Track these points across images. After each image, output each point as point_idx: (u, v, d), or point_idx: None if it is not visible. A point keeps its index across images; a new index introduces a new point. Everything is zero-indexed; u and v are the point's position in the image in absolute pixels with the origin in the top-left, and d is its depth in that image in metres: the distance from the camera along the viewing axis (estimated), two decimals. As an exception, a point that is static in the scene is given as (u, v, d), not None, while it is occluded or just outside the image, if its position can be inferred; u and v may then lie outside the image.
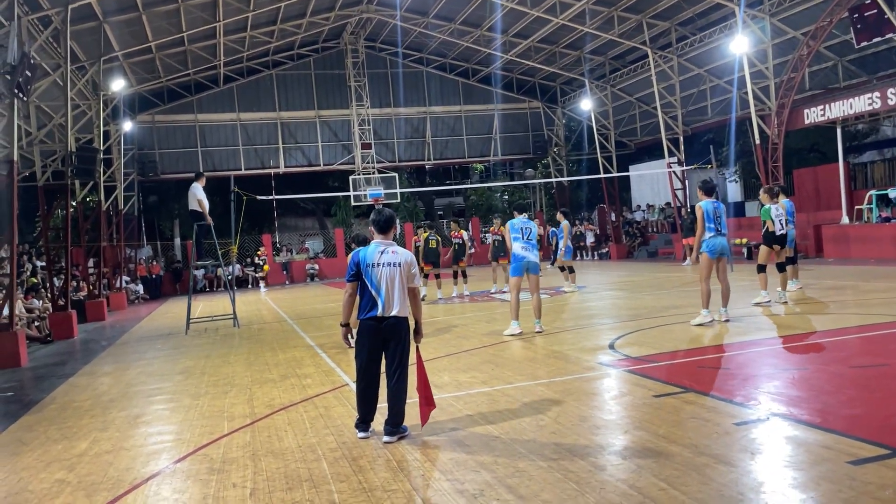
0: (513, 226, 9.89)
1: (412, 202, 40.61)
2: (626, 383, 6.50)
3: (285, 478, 4.59)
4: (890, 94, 17.56)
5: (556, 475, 4.18)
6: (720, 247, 9.22)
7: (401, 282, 5.26)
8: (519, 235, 9.79)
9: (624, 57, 27.27)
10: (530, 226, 9.91)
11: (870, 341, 7.52)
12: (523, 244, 9.75)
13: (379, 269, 5.24)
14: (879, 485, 3.61)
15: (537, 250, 9.90)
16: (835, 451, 4.16)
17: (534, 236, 9.86)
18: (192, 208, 13.59)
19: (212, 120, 29.34)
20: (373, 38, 30.08)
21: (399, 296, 5.24)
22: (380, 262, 5.26)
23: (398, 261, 5.28)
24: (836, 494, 3.56)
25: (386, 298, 5.21)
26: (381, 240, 5.40)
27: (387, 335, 5.24)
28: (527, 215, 10.15)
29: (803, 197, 22.91)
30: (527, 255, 9.73)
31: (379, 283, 5.23)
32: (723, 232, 9.28)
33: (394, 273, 5.24)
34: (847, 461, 3.98)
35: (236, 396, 7.32)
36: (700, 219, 9.29)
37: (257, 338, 12.24)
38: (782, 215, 11.05)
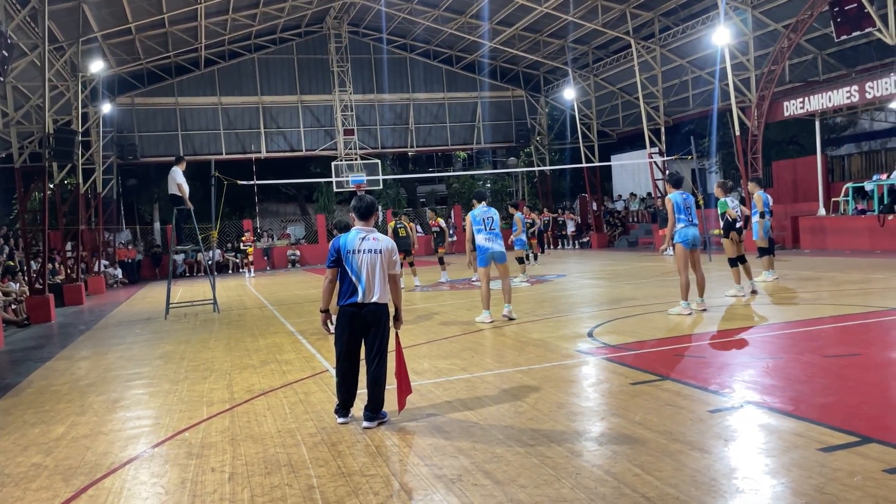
0: (474, 217, 9.84)
1: (395, 189, 40.51)
2: (603, 371, 6.57)
3: (264, 462, 4.60)
4: (868, 87, 17.76)
5: (532, 461, 4.23)
6: (693, 237, 9.32)
7: (381, 268, 5.28)
8: (481, 227, 9.74)
9: (607, 47, 27.31)
10: (492, 214, 9.84)
11: (843, 331, 7.66)
12: (486, 235, 9.72)
13: (359, 256, 5.26)
14: (849, 471, 3.70)
15: (501, 238, 9.85)
16: (806, 439, 4.24)
17: (496, 225, 9.81)
18: (172, 192, 13.49)
19: (192, 103, 29.02)
20: (356, 23, 29.86)
21: (379, 282, 5.26)
22: (360, 249, 5.27)
23: (379, 247, 5.29)
24: (806, 480, 3.64)
25: (366, 285, 5.23)
26: (361, 226, 5.41)
27: (367, 321, 5.25)
28: (486, 203, 10.07)
29: (781, 188, 23.17)
30: (491, 245, 9.71)
31: (359, 269, 5.24)
32: (694, 222, 9.39)
33: (374, 259, 5.26)
34: (818, 448, 4.07)
35: (216, 381, 7.31)
36: (671, 211, 9.38)
37: (237, 323, 12.20)
38: (738, 207, 11.19)
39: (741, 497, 3.55)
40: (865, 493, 3.41)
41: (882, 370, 5.88)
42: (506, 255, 9.91)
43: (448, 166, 48.19)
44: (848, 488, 3.49)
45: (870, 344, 6.90)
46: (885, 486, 3.48)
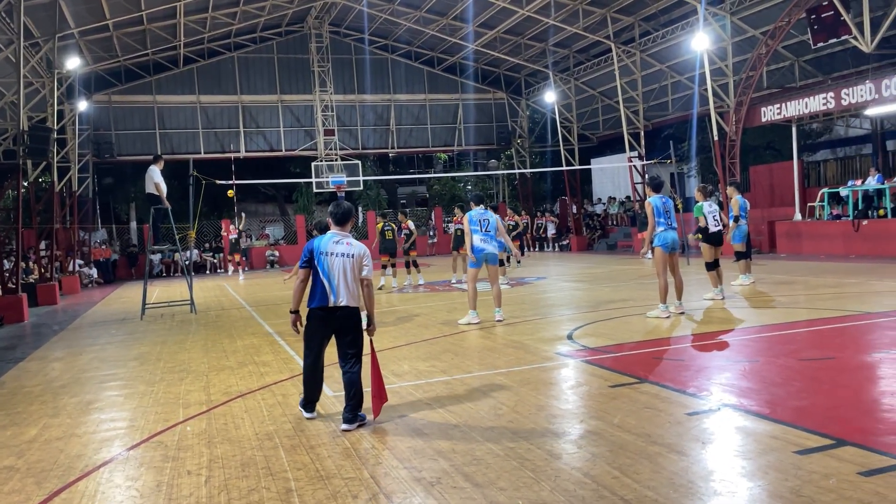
0: (471, 218, 9.90)
1: (375, 190, 40.42)
2: (583, 373, 6.59)
3: (241, 465, 4.56)
4: (843, 94, 18.02)
5: (512, 463, 4.23)
6: (672, 241, 9.40)
7: (353, 273, 5.30)
8: (477, 227, 9.81)
9: (588, 50, 27.47)
10: (488, 217, 9.93)
11: (818, 335, 7.75)
12: (482, 236, 9.79)
13: (332, 259, 5.29)
14: (823, 474, 3.74)
15: (496, 241, 9.93)
16: (782, 441, 4.28)
17: (492, 227, 9.89)
18: (149, 192, 13.34)
19: (171, 102, 28.74)
20: (337, 23, 29.76)
21: (350, 286, 5.29)
22: (333, 252, 5.31)
23: (352, 252, 5.33)
24: (782, 483, 3.68)
25: (336, 288, 5.26)
26: (337, 231, 5.44)
27: (336, 325, 5.31)
28: (483, 206, 10.15)
29: (758, 193, 23.43)
30: (486, 247, 9.78)
31: (331, 271, 5.27)
32: (673, 226, 9.47)
33: (346, 264, 5.30)
34: (794, 451, 4.11)
35: (192, 383, 7.23)
36: (650, 214, 9.46)
37: (215, 324, 12.08)
38: (716, 212, 11.28)
39: (718, 499, 3.58)
40: (840, 496, 3.45)
41: (856, 373, 5.96)
42: (498, 257, 10.00)
43: (429, 168, 48.19)
44: (823, 491, 3.53)
45: (844, 348, 6.99)
46: (860, 489, 3.52)
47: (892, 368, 5.98)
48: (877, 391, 5.46)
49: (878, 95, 17.05)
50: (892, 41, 17.71)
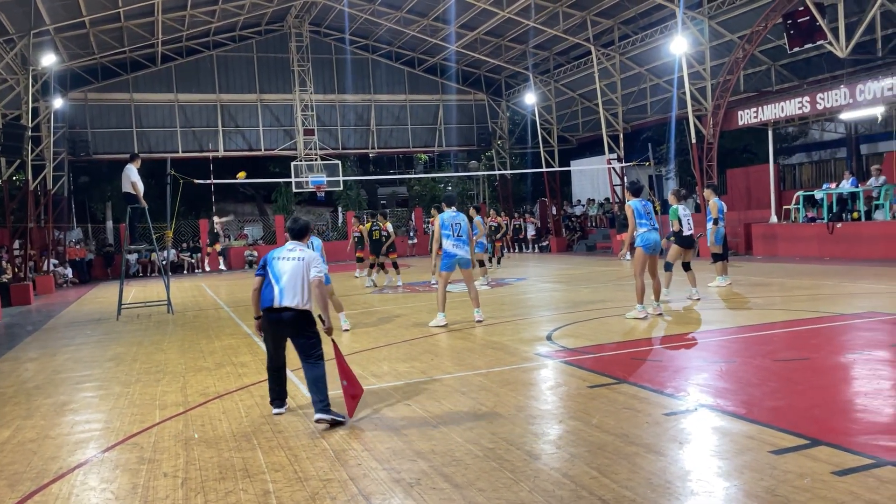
0: (443, 222, 9.79)
1: (355, 190, 40.32)
2: (562, 374, 6.62)
3: (219, 467, 4.52)
4: (819, 98, 18.27)
5: (491, 464, 4.24)
6: (654, 242, 9.45)
7: (302, 276, 5.42)
8: (449, 232, 9.72)
9: (568, 53, 27.60)
10: (460, 220, 9.84)
11: (793, 336, 7.85)
12: (454, 241, 9.71)
13: (282, 262, 5.49)
14: (798, 473, 3.78)
15: (468, 245, 9.87)
16: (758, 441, 4.33)
17: (464, 231, 9.81)
18: (126, 191, 13.18)
19: (148, 100, 28.42)
20: (317, 22, 29.62)
21: (297, 288, 5.39)
22: (286, 257, 5.51)
23: (303, 256, 5.51)
24: (757, 482, 3.72)
25: (284, 289, 5.38)
26: (294, 243, 5.68)
27: (284, 326, 5.42)
28: (455, 208, 10.06)
29: (735, 196, 23.69)
30: (458, 251, 9.71)
31: (280, 273, 5.44)
32: (655, 227, 9.54)
33: (296, 267, 5.44)
34: (769, 451, 4.15)
35: (169, 384, 7.15)
36: (631, 217, 9.50)
37: (192, 325, 11.97)
38: (689, 216, 11.42)
39: (695, 499, 3.61)
40: (815, 495, 3.50)
41: (830, 374, 6.05)
42: (471, 261, 9.95)
43: (409, 168, 48.17)
44: (798, 490, 3.57)
45: (819, 348, 7.09)
46: (834, 488, 3.56)
47: (865, 369, 6.07)
48: (851, 391, 5.54)
49: (853, 100, 17.32)
50: (867, 46, 18.01)
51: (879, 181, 17.55)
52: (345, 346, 8.74)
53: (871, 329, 7.91)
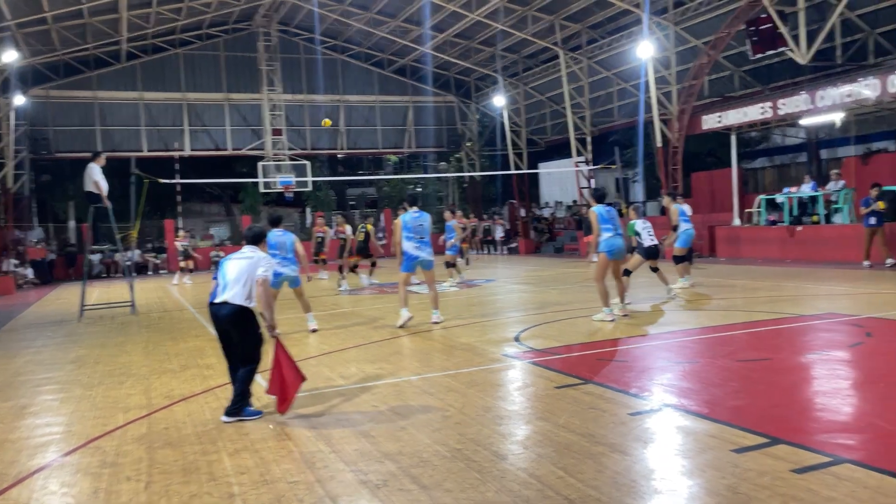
0: (405, 223, 9.66)
1: (324, 191, 40.07)
2: (529, 375, 6.66)
3: (183, 471, 4.46)
4: (780, 104, 18.66)
5: (459, 464, 4.25)
6: (617, 247, 9.44)
7: (247, 274, 5.56)
8: (411, 234, 9.61)
9: (536, 56, 27.80)
10: (422, 221, 9.67)
11: (755, 336, 8.01)
12: (416, 243, 9.59)
13: (232, 262, 5.68)
14: (759, 471, 3.86)
15: (430, 245, 9.74)
16: (720, 440, 4.41)
17: (426, 232, 9.68)
18: (88, 190, 12.93)
19: (112, 98, 27.93)
20: (286, 21, 29.41)
21: (238, 285, 5.53)
22: (237, 257, 5.73)
23: (252, 256, 5.69)
24: (719, 481, 3.79)
25: (226, 285, 5.55)
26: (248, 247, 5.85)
27: (222, 320, 5.56)
28: (418, 207, 9.87)
29: (699, 199, 24.07)
30: (419, 253, 9.62)
31: (227, 272, 5.61)
32: (619, 233, 9.55)
33: (242, 265, 5.61)
34: (731, 449, 4.23)
35: (133, 387, 7.04)
36: (594, 222, 9.48)
37: (157, 326, 11.80)
38: (650, 227, 11.53)
39: (659, 498, 3.66)
40: (774, 493, 3.57)
41: (791, 374, 6.18)
42: (433, 262, 9.88)
43: (378, 169, 48.02)
44: (758, 488, 3.65)
45: (779, 349, 7.24)
46: (793, 486, 3.65)
47: (824, 369, 6.22)
48: (810, 391, 5.68)
49: (813, 106, 17.73)
50: (826, 54, 18.45)
51: (838, 185, 17.97)
52: (313, 347, 8.70)
53: (829, 330, 8.10)
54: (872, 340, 7.40)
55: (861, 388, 5.61)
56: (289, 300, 10.99)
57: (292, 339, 9.40)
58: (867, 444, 4.30)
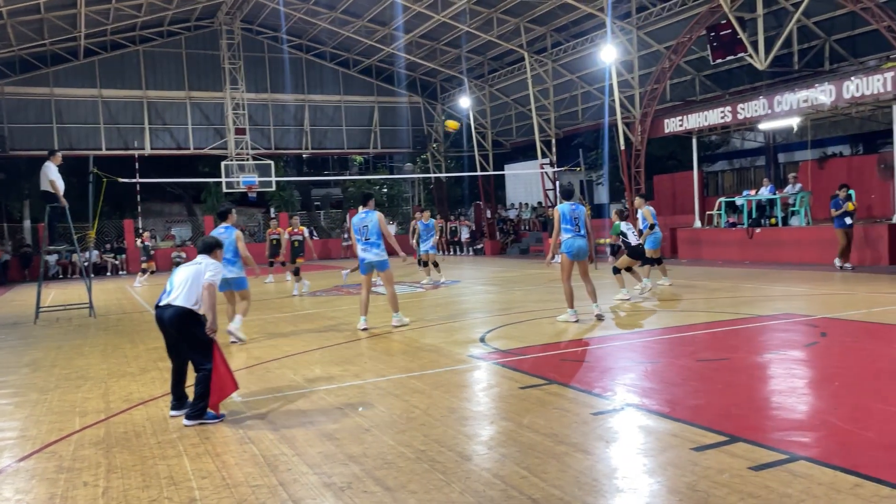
0: (354, 225, 9.52)
1: (288, 191, 39.72)
2: (494, 375, 6.69)
3: (142, 475, 4.38)
4: (739, 108, 19.05)
5: (423, 466, 4.25)
6: (577, 248, 9.35)
7: (193, 278, 5.62)
8: (359, 236, 9.42)
9: (502, 58, 27.95)
10: (367, 221, 9.37)
11: (715, 336, 8.16)
12: (363, 245, 9.39)
13: (181, 269, 5.81)
14: (718, 469, 3.94)
15: (379, 247, 9.42)
16: (680, 439, 4.48)
17: (372, 233, 9.36)
18: (44, 189, 12.61)
19: (70, 95, 27.32)
20: (250, 19, 29.08)
21: (182, 287, 5.60)
22: (188, 263, 5.86)
23: (200, 262, 5.80)
24: (679, 479, 3.85)
25: (171, 288, 5.64)
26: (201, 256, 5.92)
27: (166, 323, 5.61)
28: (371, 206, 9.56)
29: (661, 201, 24.44)
30: (366, 255, 9.38)
31: (175, 276, 5.75)
32: (581, 233, 9.42)
33: (190, 271, 5.69)
34: (691, 448, 4.30)
35: (90, 390, 6.89)
36: (556, 221, 9.43)
37: (115, 328, 11.57)
38: (632, 228, 11.88)
39: (621, 496, 3.71)
40: (732, 490, 3.64)
41: (749, 373, 6.31)
42: (387, 262, 9.58)
43: (344, 170, 47.77)
44: (717, 485, 3.72)
45: (738, 349, 7.39)
46: (750, 483, 3.72)
47: (781, 368, 6.37)
48: (767, 390, 5.80)
49: (771, 110, 18.13)
50: (784, 60, 18.89)
51: (795, 188, 18.41)
52: (277, 349, 8.61)
53: (786, 330, 8.29)
54: (827, 340, 7.59)
55: (816, 387, 5.75)
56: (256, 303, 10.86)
57: (252, 343, 9.32)
58: (821, 441, 4.42)
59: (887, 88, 15.48)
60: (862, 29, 17.36)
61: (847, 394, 5.39)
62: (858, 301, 10.23)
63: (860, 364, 6.40)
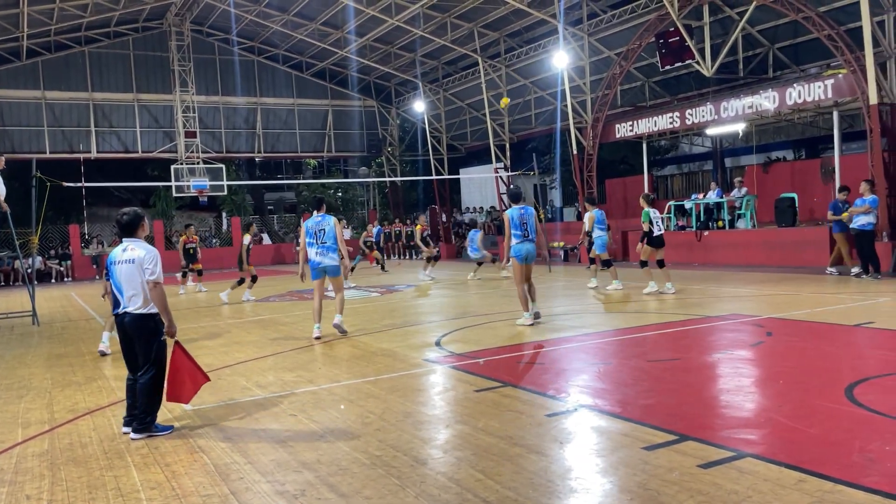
0: (307, 229, 9.35)
1: (241, 195, 39.11)
2: (450, 379, 6.70)
3: (88, 487, 4.26)
4: (688, 114, 19.50)
5: (378, 471, 4.23)
6: (526, 252, 9.46)
7: (139, 278, 5.34)
8: (313, 240, 9.25)
9: (456, 63, 28.05)
10: (323, 226, 9.26)
11: (665, 337, 8.32)
12: (318, 249, 9.22)
13: (119, 267, 5.40)
14: (668, 468, 4.01)
15: (334, 251, 9.28)
16: (632, 438, 4.56)
17: (328, 237, 9.23)
18: (-15, 193, 12.19)
19: (11, 96, 26.45)
20: (200, 21, 28.58)
21: (135, 292, 5.34)
22: (120, 260, 5.42)
23: (133, 257, 5.39)
24: (631, 478, 3.91)
25: (125, 294, 5.35)
26: (126, 240, 5.54)
27: (127, 331, 5.38)
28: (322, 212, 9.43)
29: (613, 205, 24.83)
30: (322, 259, 9.22)
31: (119, 279, 5.39)
32: (530, 237, 9.50)
33: (131, 269, 5.36)
34: (642, 447, 4.38)
35: (33, 401, 6.67)
36: (506, 226, 9.54)
37: (60, 337, 11.22)
38: (659, 218, 12.49)
39: (574, 497, 3.75)
40: (682, 487, 3.72)
41: (698, 373, 6.45)
42: (339, 268, 9.50)
43: (298, 173, 47.28)
44: (667, 483, 3.79)
45: (688, 349, 7.54)
46: (699, 480, 3.80)
47: (729, 368, 6.52)
48: (716, 389, 5.93)
49: (717, 116, 18.61)
50: (730, 67, 19.40)
51: (741, 192, 18.90)
52: (228, 356, 8.47)
53: (734, 330, 8.50)
54: (772, 339, 7.81)
55: (762, 386, 5.91)
56: (203, 308, 10.68)
57: (202, 350, 9.15)
58: (767, 438, 4.54)
59: (828, 95, 16.04)
60: (804, 37, 17.96)
61: (792, 392, 5.55)
62: (802, 301, 10.55)
63: (804, 363, 6.60)
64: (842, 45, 15.31)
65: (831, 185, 18.62)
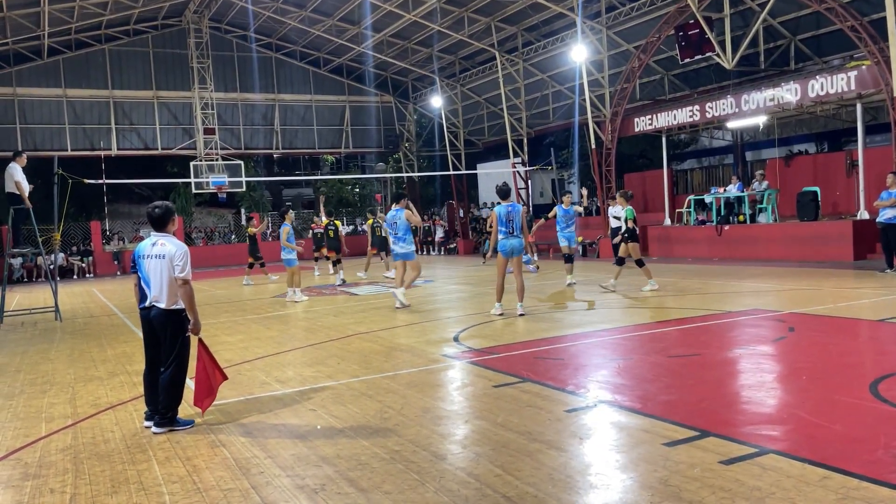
0: (387, 221, 11.18)
1: (259, 191, 39.36)
2: (468, 374, 6.69)
3: (111, 481, 4.30)
4: (708, 108, 19.29)
5: (397, 466, 4.23)
6: (510, 247, 10.03)
7: (168, 274, 5.33)
8: (391, 231, 11.19)
9: (473, 58, 27.98)
10: (396, 219, 10.92)
11: (685, 333, 8.25)
12: (393, 239, 11.16)
13: (148, 261, 5.39)
14: (689, 464, 3.97)
15: (406, 240, 10.97)
16: (652, 434, 4.52)
17: (400, 228, 10.80)
18: (9, 191, 12.36)
19: (34, 94, 26.79)
20: (218, 18, 28.76)
21: (164, 287, 5.33)
22: (149, 255, 5.40)
23: (164, 252, 5.36)
24: (652, 474, 3.88)
25: (153, 289, 5.35)
26: (155, 233, 5.49)
27: (154, 326, 5.39)
28: (399, 205, 11.14)
29: (633, 199, 24.61)
30: (395, 248, 11.05)
31: (148, 274, 5.38)
32: (515, 234, 10.03)
33: (160, 265, 5.35)
34: (662, 443, 4.34)
35: (56, 396, 6.75)
36: (493, 222, 10.17)
37: (82, 332, 11.36)
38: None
39: (594, 492, 3.72)
40: (703, 484, 3.68)
41: (719, 369, 6.38)
42: (412, 253, 11.22)
43: (315, 170, 47.47)
44: (688, 480, 3.75)
45: (708, 345, 7.47)
46: (721, 477, 3.77)
47: (750, 363, 6.45)
48: (737, 385, 5.87)
49: (738, 109, 18.39)
50: (751, 59, 19.17)
51: (762, 186, 18.69)
52: (249, 351, 8.52)
53: (755, 326, 8.41)
54: (795, 335, 7.72)
55: (784, 381, 5.84)
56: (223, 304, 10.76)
57: (223, 345, 9.21)
58: (790, 434, 4.48)
59: (851, 87, 15.79)
60: (826, 29, 17.70)
61: (815, 387, 5.48)
62: (824, 296, 10.42)
63: (827, 358, 6.51)
64: (865, 36, 15.06)
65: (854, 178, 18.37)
